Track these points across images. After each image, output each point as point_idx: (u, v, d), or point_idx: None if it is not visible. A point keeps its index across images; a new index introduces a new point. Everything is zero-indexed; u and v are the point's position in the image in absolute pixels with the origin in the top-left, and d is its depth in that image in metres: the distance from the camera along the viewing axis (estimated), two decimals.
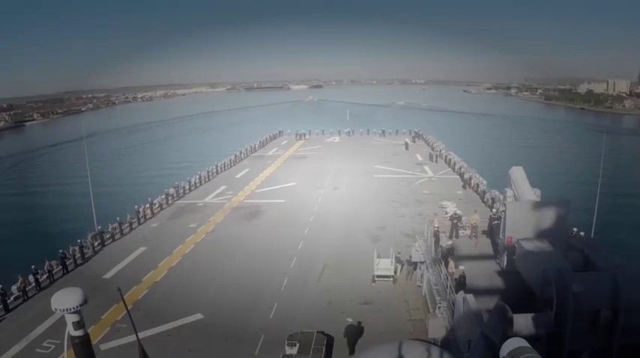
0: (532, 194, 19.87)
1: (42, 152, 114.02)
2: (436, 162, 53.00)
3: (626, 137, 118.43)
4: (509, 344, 6.19)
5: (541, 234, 17.10)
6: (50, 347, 18.50)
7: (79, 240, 28.67)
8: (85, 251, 28.59)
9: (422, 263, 22.79)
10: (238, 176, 49.98)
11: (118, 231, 32.57)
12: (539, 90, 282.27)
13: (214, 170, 50.76)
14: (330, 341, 18.11)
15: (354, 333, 18.34)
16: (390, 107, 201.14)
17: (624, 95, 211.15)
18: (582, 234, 22.36)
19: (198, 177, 46.87)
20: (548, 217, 17.34)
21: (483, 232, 23.55)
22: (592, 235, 24.56)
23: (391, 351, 9.06)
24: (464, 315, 13.74)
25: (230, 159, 56.16)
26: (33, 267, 24.53)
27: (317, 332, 17.88)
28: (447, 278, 17.89)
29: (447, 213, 29.84)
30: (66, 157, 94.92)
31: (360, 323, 19.41)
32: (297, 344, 16.89)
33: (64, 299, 5.55)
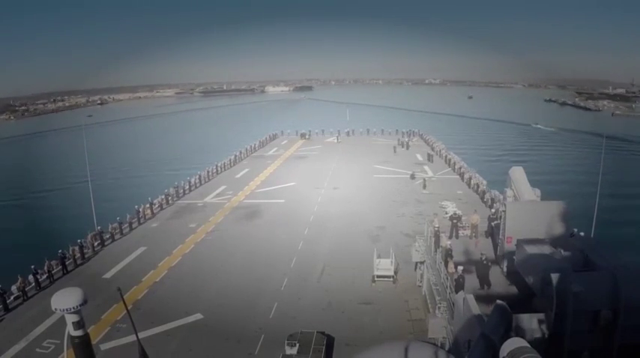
0: (532, 194, 19.92)
1: None
2: (432, 161, 52.85)
3: None
4: (509, 344, 6.20)
5: (541, 234, 17.09)
6: (50, 347, 18.51)
7: (78, 240, 28.68)
8: (85, 251, 28.60)
9: (422, 263, 22.80)
10: (238, 176, 50.01)
11: (118, 230, 32.58)
12: None
13: (214, 170, 50.80)
14: (330, 341, 18.12)
15: None
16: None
17: None
18: (582, 234, 22.36)
19: (198, 177, 46.94)
20: (548, 217, 17.35)
21: (484, 232, 23.56)
22: (592, 235, 24.58)
23: (391, 351, 9.04)
24: (464, 315, 13.73)
25: (230, 159, 56.21)
26: (33, 266, 24.54)
27: (317, 332, 17.90)
28: (447, 278, 17.90)
29: (446, 213, 29.87)
30: None
31: None
32: (297, 344, 16.90)
33: (64, 299, 5.54)
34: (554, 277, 13.02)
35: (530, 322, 12.70)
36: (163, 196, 39.93)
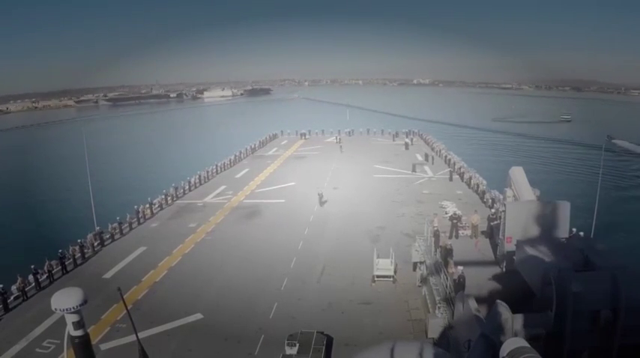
0: (532, 194, 19.95)
1: None
2: (432, 163, 52.87)
3: None
4: (509, 344, 6.19)
5: (541, 234, 17.12)
6: (50, 347, 18.50)
7: (78, 240, 28.68)
8: (85, 251, 28.59)
9: (422, 263, 22.81)
10: (238, 176, 50.00)
11: (117, 230, 32.57)
12: None
13: (214, 170, 50.80)
14: (329, 341, 18.12)
15: None
16: None
17: None
18: (582, 234, 22.37)
19: (198, 177, 46.92)
20: (548, 217, 17.38)
21: (482, 232, 23.59)
22: (592, 235, 24.58)
23: (389, 351, 9.03)
24: (464, 315, 13.74)
25: (230, 159, 56.22)
26: (33, 266, 24.53)
27: (317, 332, 17.89)
28: (447, 278, 17.91)
29: (446, 213, 29.88)
30: None
31: None
32: (297, 344, 16.90)
33: (64, 299, 5.54)
34: (554, 277, 13.04)
35: (530, 322, 12.70)
36: (163, 196, 39.93)
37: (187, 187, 44.08)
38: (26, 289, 23.42)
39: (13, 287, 23.15)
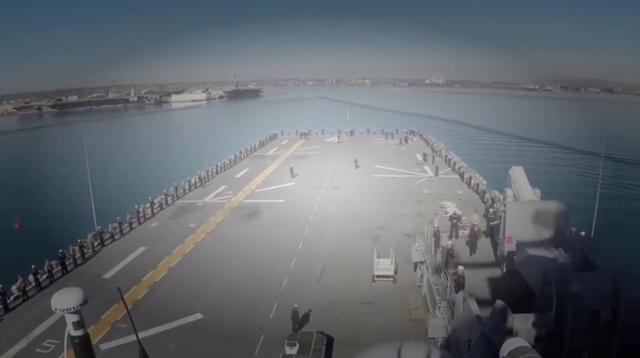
0: (532, 194, 19.92)
1: None
2: (433, 163, 52.88)
3: None
4: (509, 344, 6.19)
5: (541, 234, 17.10)
6: (50, 347, 18.52)
7: (79, 240, 28.69)
8: (85, 251, 28.60)
9: (422, 263, 22.80)
10: (238, 176, 50.03)
11: (118, 230, 32.58)
12: None
13: (214, 170, 50.81)
14: (330, 341, 18.13)
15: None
16: None
17: None
18: (582, 234, 22.36)
19: (198, 177, 46.93)
20: (548, 217, 17.35)
21: (483, 232, 23.56)
22: (592, 235, 24.56)
23: (390, 351, 9.00)
24: (464, 315, 13.72)
25: (230, 159, 56.23)
26: (33, 266, 24.54)
27: (317, 332, 17.92)
28: (447, 277, 17.90)
29: (446, 213, 29.88)
30: None
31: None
32: (297, 344, 16.91)
33: (64, 299, 5.53)
34: (554, 277, 13.03)
35: (530, 322, 12.70)
36: (163, 196, 39.93)
37: (187, 187, 44.09)
38: (27, 289, 23.43)
39: (14, 287, 23.18)
